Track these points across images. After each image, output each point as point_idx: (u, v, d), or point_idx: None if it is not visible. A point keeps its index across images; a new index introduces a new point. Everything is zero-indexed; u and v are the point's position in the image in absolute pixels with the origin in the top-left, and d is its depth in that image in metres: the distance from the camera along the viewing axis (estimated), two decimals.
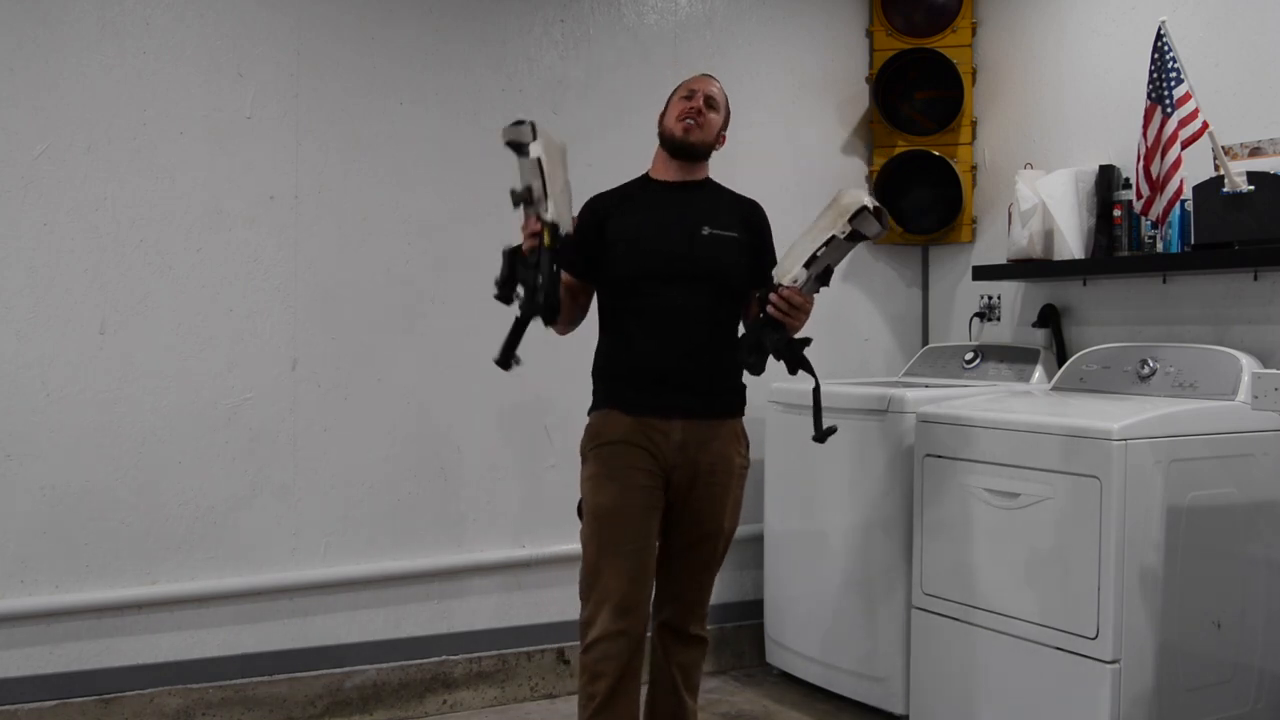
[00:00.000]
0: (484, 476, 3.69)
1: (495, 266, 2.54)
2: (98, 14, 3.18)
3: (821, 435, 2.68)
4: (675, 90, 2.85)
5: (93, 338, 3.19)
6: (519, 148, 2.51)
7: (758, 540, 4.00)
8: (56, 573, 3.15)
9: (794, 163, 4.20)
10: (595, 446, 2.70)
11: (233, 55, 3.35)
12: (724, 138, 2.85)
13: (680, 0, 4.01)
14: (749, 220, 2.82)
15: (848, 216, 2.48)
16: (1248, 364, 3.09)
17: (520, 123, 2.52)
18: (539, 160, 2.48)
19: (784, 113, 4.20)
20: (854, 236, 2.51)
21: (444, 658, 3.62)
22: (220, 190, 3.34)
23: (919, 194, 4.26)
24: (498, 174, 3.68)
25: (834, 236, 2.50)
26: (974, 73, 4.21)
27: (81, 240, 3.17)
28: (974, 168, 4.23)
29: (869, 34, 4.32)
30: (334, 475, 3.48)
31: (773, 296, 2.55)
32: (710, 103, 2.78)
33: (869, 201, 2.49)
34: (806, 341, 2.59)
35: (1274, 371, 2.47)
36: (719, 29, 4.07)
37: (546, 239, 2.47)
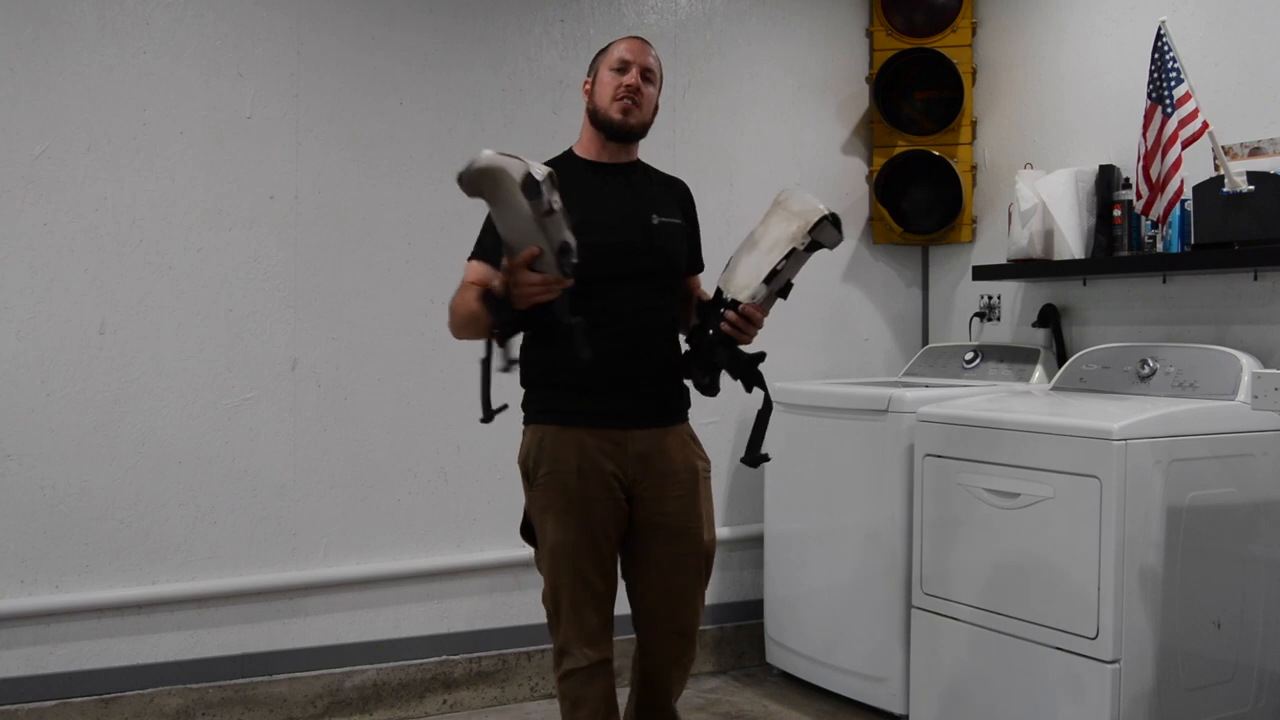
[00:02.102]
0: (484, 476, 3.68)
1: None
2: (98, 14, 3.18)
3: (754, 459, 2.48)
4: (602, 55, 2.57)
5: (93, 338, 3.19)
6: (547, 210, 2.12)
7: (758, 540, 4.00)
8: (56, 573, 3.15)
9: (794, 163, 4.20)
10: (547, 473, 2.48)
11: (233, 55, 3.35)
12: (657, 106, 2.61)
13: (680, 0, 4.01)
14: (684, 206, 2.68)
15: (808, 228, 2.33)
16: (1248, 364, 3.09)
17: (536, 184, 2.09)
18: (563, 208, 2.15)
19: (784, 113, 4.20)
20: (813, 247, 2.36)
21: (444, 658, 3.63)
22: (220, 190, 3.34)
23: (919, 194, 4.26)
24: None
25: (795, 250, 2.34)
26: (974, 73, 4.21)
27: (81, 240, 3.17)
28: (974, 168, 4.23)
29: (869, 34, 4.32)
30: (334, 475, 3.48)
31: (730, 314, 2.38)
32: (647, 76, 2.52)
33: (825, 209, 2.34)
34: (761, 356, 2.44)
35: (1274, 371, 2.47)
36: (719, 29, 4.07)
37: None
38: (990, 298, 4.15)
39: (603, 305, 2.43)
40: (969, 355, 3.98)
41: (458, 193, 3.62)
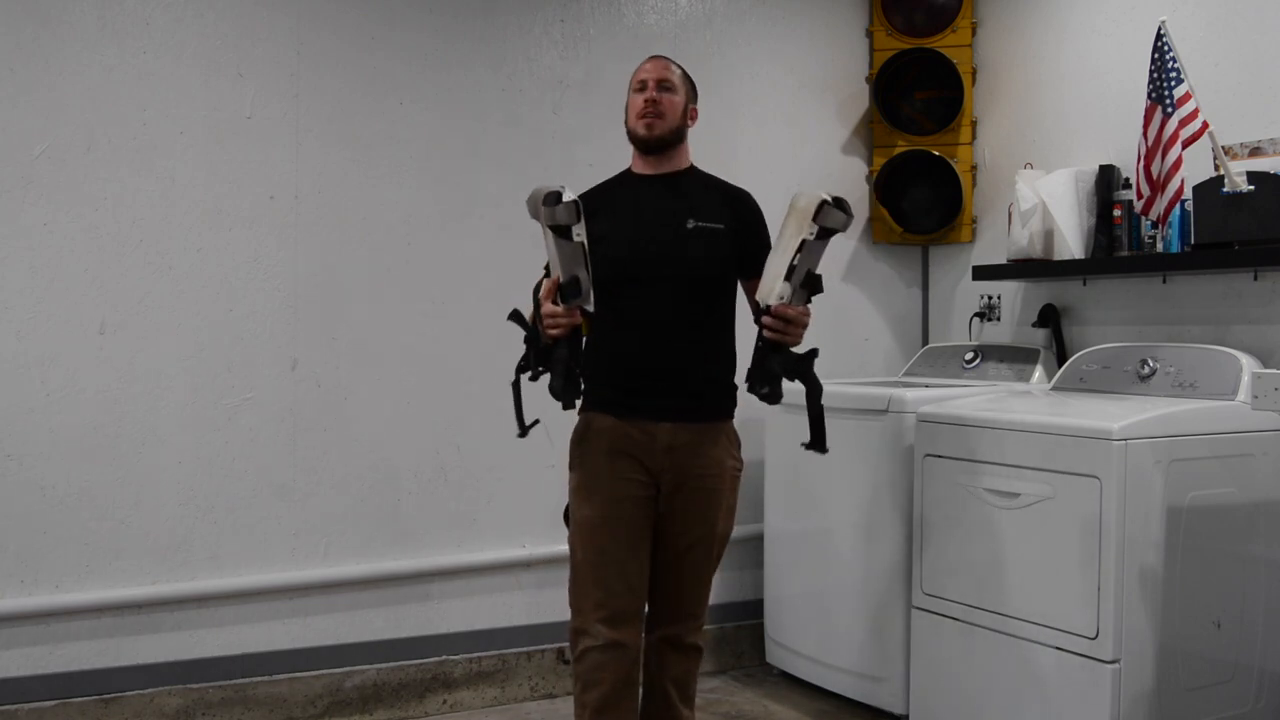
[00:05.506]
0: (484, 476, 3.69)
1: (495, 267, 2.54)
2: (98, 14, 3.18)
3: (819, 444, 2.51)
4: (631, 81, 2.72)
5: (93, 338, 3.19)
6: (562, 230, 2.29)
7: (758, 540, 4.00)
8: (56, 573, 3.15)
9: (794, 162, 4.20)
10: (581, 455, 2.65)
11: (233, 55, 3.35)
12: (695, 111, 2.73)
13: (680, 0, 4.01)
14: (737, 210, 2.71)
15: (811, 216, 2.36)
16: (1248, 364, 3.09)
17: (559, 199, 2.28)
18: (584, 245, 2.32)
19: (784, 113, 4.20)
20: (823, 234, 2.39)
21: (444, 658, 3.63)
22: (220, 190, 3.34)
23: (919, 194, 4.26)
24: (498, 173, 3.70)
25: (805, 240, 2.37)
26: (974, 73, 4.21)
27: (81, 240, 3.17)
28: (974, 168, 4.23)
29: (869, 34, 4.32)
30: (334, 475, 3.48)
31: (765, 319, 2.43)
32: (664, 85, 2.64)
33: (826, 194, 2.38)
34: (814, 354, 2.47)
35: (1274, 371, 2.47)
36: (719, 29, 4.07)
37: (585, 329, 2.38)
38: (990, 298, 4.15)
39: (633, 305, 2.57)
40: (969, 355, 3.98)
41: (457, 193, 3.65)
